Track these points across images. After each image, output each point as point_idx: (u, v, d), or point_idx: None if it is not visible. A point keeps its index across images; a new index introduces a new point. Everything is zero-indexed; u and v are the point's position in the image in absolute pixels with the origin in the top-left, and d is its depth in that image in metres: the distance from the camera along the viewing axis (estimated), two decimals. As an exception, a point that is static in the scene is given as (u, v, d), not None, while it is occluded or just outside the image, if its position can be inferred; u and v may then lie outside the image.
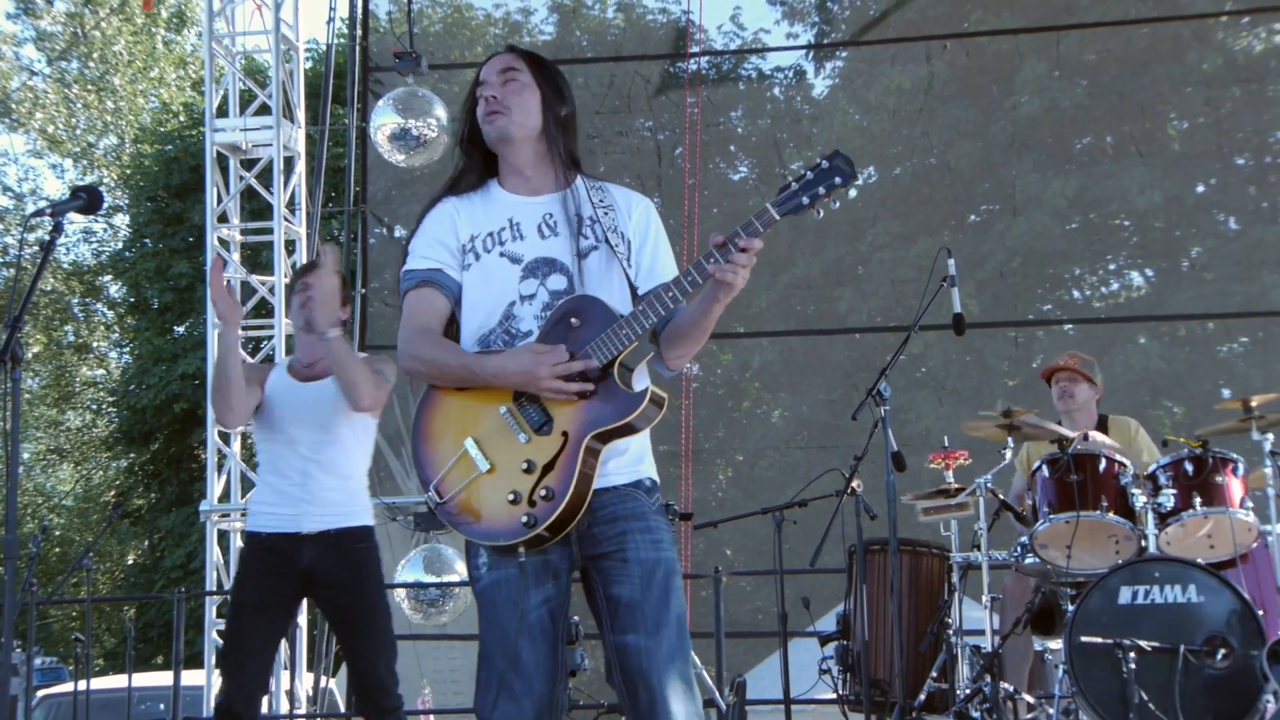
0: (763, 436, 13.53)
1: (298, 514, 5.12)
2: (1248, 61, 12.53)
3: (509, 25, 13.66)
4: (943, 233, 12.83)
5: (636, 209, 3.50)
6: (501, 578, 3.27)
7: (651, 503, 3.38)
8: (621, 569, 3.26)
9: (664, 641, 3.20)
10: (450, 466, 3.27)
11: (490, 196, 3.48)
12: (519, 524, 3.19)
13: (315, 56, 17.70)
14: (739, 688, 6.80)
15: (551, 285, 3.34)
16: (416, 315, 3.40)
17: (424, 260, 3.43)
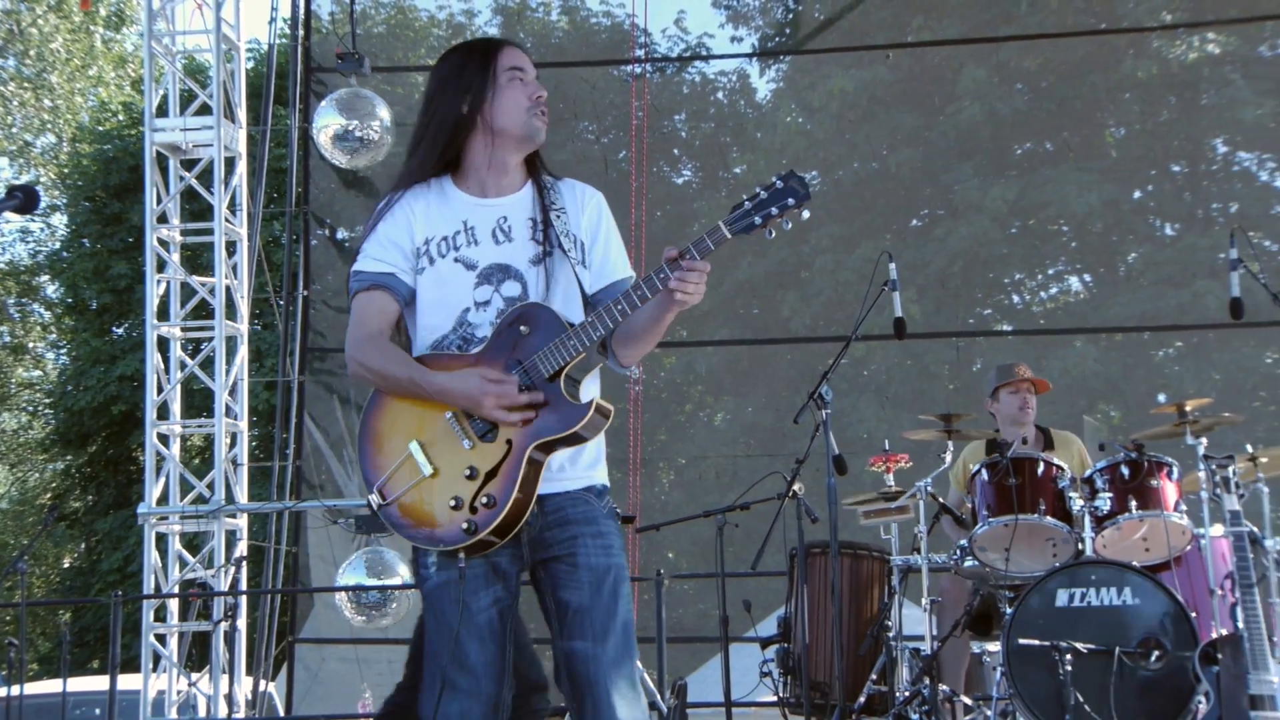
0: (705, 440, 13.55)
1: None
2: (1181, 70, 12.71)
3: (452, 27, 13.61)
4: (885, 236, 12.91)
5: (588, 206, 3.50)
6: (450, 578, 3.26)
7: (603, 506, 3.39)
8: (572, 574, 3.28)
9: (611, 648, 3.23)
10: (394, 469, 3.27)
11: (445, 196, 3.45)
12: (459, 530, 3.20)
13: (257, 57, 17.59)
14: (680, 690, 6.82)
15: (506, 292, 3.33)
16: (366, 320, 3.37)
17: (375, 262, 3.39)
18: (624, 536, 3.46)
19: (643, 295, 3.19)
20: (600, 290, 3.40)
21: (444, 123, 3.41)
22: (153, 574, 9.85)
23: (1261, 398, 12.87)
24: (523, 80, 3.42)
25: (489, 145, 3.43)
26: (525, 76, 3.43)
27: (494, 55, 3.43)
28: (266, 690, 10.00)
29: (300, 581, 10.38)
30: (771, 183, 3.14)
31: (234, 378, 10.11)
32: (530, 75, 3.45)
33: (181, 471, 10.02)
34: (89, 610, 21.10)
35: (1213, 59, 12.80)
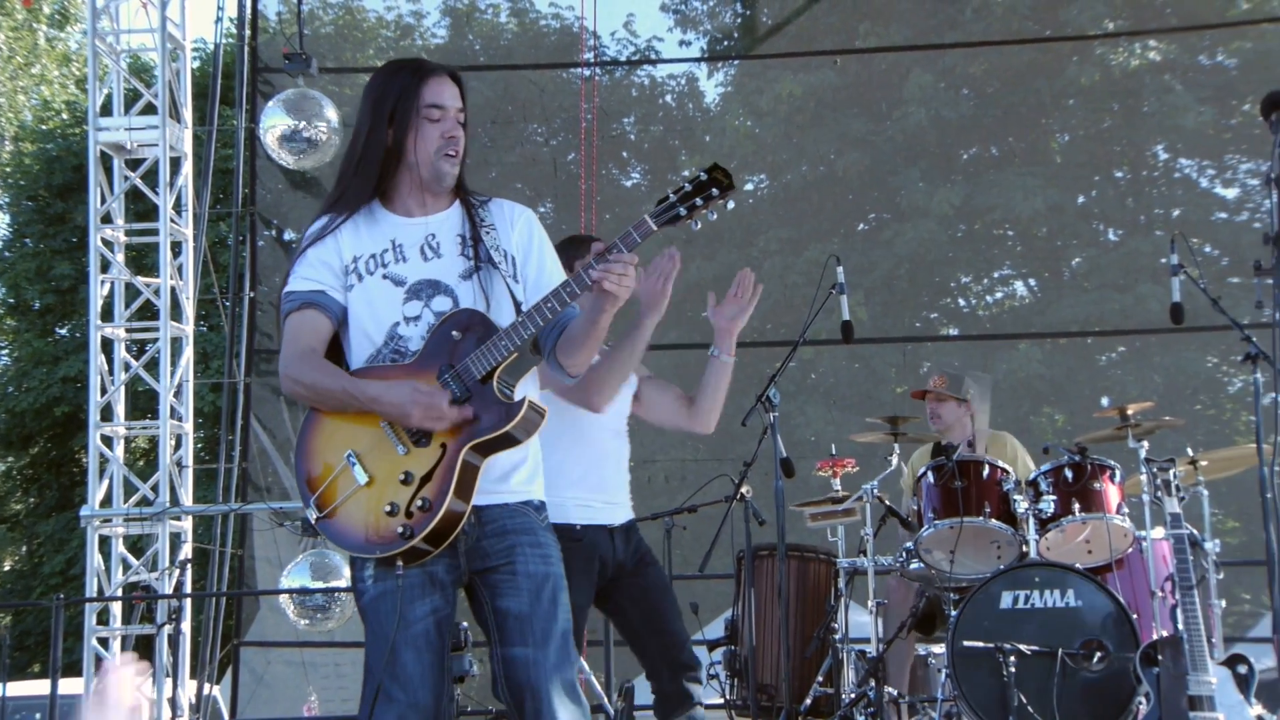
0: (654, 443, 13.55)
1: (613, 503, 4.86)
2: (1124, 78, 12.86)
3: (401, 28, 13.57)
4: (832, 240, 12.98)
5: (518, 222, 3.52)
6: (386, 589, 3.27)
7: (541, 520, 3.42)
8: (510, 581, 3.30)
9: (551, 653, 3.26)
10: (330, 480, 3.29)
11: (374, 217, 3.47)
12: (395, 534, 3.22)
13: (203, 56, 17.45)
14: (627, 693, 6.82)
15: (436, 306, 3.36)
16: (298, 338, 3.40)
17: (305, 281, 3.43)
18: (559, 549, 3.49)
19: (571, 291, 3.22)
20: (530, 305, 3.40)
21: (372, 154, 3.44)
22: (95, 577, 9.76)
23: (1202, 401, 13.05)
24: (438, 120, 3.42)
25: (408, 176, 3.46)
26: (443, 114, 3.42)
27: (417, 89, 3.42)
28: (211, 694, 9.93)
29: (245, 584, 10.31)
30: (696, 175, 3.17)
31: (179, 379, 10.04)
32: (449, 111, 3.43)
33: (125, 473, 9.94)
34: (30, 614, 20.88)
35: (1154, 66, 12.97)
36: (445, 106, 3.42)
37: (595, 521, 4.72)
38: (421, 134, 3.41)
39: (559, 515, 4.38)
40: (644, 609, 4.80)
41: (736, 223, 13.62)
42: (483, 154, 11.66)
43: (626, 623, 4.89)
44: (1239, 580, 11.70)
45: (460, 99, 3.47)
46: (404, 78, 3.45)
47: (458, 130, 3.44)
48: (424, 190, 3.46)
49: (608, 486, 4.81)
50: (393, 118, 3.41)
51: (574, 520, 4.63)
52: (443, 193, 3.48)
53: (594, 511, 4.73)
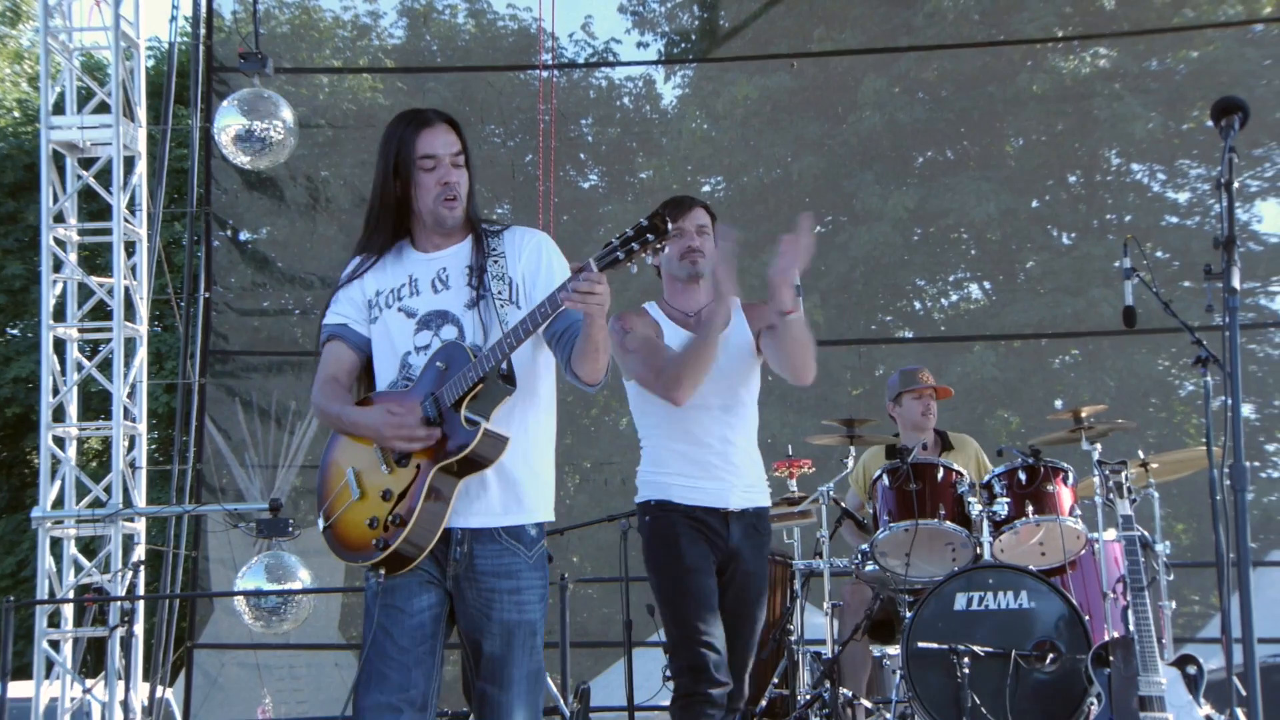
0: (611, 444, 13.57)
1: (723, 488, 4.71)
2: (1075, 84, 12.97)
3: (358, 28, 13.51)
4: (788, 242, 13.00)
5: (527, 247, 3.74)
6: (391, 585, 3.58)
7: (530, 556, 3.64)
8: (487, 624, 3.58)
9: (516, 696, 3.59)
10: (335, 495, 3.66)
11: (400, 255, 3.78)
12: (372, 546, 3.53)
13: (158, 55, 17.33)
14: (583, 694, 6.83)
15: (445, 335, 3.63)
16: (324, 366, 3.78)
17: (334, 315, 3.79)
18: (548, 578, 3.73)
19: (526, 328, 3.44)
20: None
21: (388, 204, 3.73)
22: (47, 579, 9.68)
23: (1154, 404, 13.17)
24: (432, 170, 3.68)
25: (419, 219, 3.76)
26: (436, 163, 3.68)
27: (413, 141, 3.68)
28: (164, 697, 9.86)
29: (199, 586, 10.25)
30: (638, 223, 3.37)
31: (132, 380, 9.96)
32: (442, 159, 3.68)
33: (78, 475, 9.86)
34: (-21, 616, 20.61)
35: (1104, 74, 13.09)
36: (438, 156, 3.68)
37: (701, 504, 4.67)
38: (420, 184, 3.69)
39: (662, 493, 4.69)
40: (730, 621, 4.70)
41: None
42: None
43: None
44: (1189, 581, 11.82)
45: (455, 144, 3.71)
46: (402, 130, 3.71)
47: (452, 175, 3.68)
48: (433, 233, 3.74)
49: (712, 468, 4.70)
50: (399, 172, 3.70)
51: (677, 500, 4.68)
52: (453, 231, 3.73)
53: (698, 493, 4.68)
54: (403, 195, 3.70)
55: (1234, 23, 13.09)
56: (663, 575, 4.71)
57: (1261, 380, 13.51)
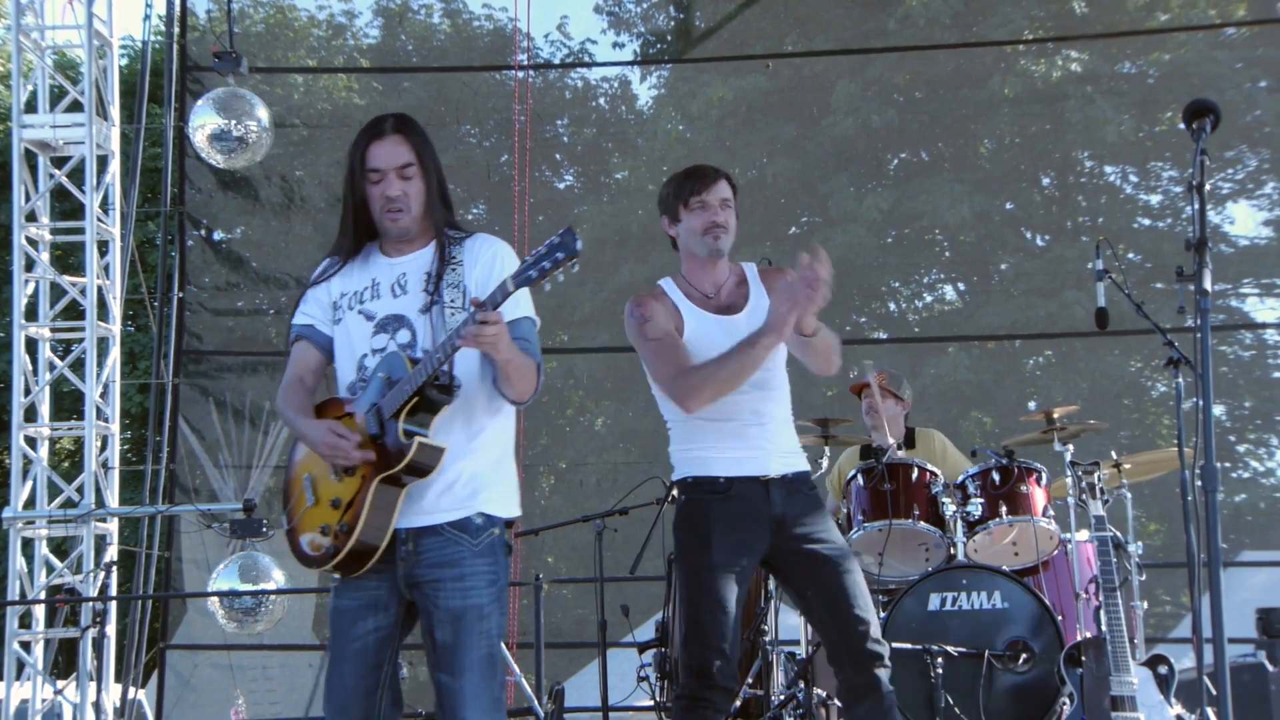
0: (586, 445, 13.58)
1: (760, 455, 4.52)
2: (1047, 87, 13.03)
3: (333, 28, 13.48)
4: (764, 243, 13.03)
5: (483, 257, 3.80)
6: (339, 607, 3.76)
7: (477, 544, 3.70)
8: (435, 614, 3.67)
9: (469, 682, 3.65)
10: (295, 498, 3.80)
11: (368, 259, 3.87)
12: (323, 553, 3.67)
13: (131, 54, 17.25)
14: (557, 695, 6.84)
15: (400, 339, 3.73)
16: (291, 367, 3.90)
17: (301, 316, 3.91)
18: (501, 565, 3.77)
19: (450, 346, 3.50)
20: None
21: (347, 215, 3.85)
22: (18, 580, 9.63)
23: (1126, 405, 13.23)
24: (377, 183, 3.76)
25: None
26: (381, 176, 3.75)
27: (363, 155, 3.77)
28: (136, 698, 9.82)
29: (172, 587, 10.21)
30: (550, 240, 3.42)
31: (105, 380, 9.92)
32: (388, 172, 3.74)
33: (50, 475, 9.81)
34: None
35: (1076, 77, 13.15)
36: (381, 170, 3.74)
37: (743, 474, 4.48)
38: (369, 197, 3.78)
39: (701, 469, 4.52)
40: (819, 591, 4.46)
41: (669, 226, 13.64)
42: (415, 155, 11.62)
43: (803, 601, 4.60)
44: (1160, 582, 11.89)
45: (404, 155, 3.75)
46: (358, 141, 3.81)
47: (393, 189, 3.74)
48: (406, 237, 3.83)
49: (748, 438, 4.51)
50: (353, 184, 3.81)
51: (717, 473, 4.49)
52: (416, 238, 3.82)
53: (739, 463, 4.49)
54: (358, 210, 3.81)
55: (1206, 26, 13.17)
56: (687, 564, 4.54)
57: (1232, 382, 13.59)
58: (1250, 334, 14.58)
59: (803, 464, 4.65)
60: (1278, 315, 14.77)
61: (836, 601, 4.39)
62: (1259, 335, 14.73)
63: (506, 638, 8.61)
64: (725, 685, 4.40)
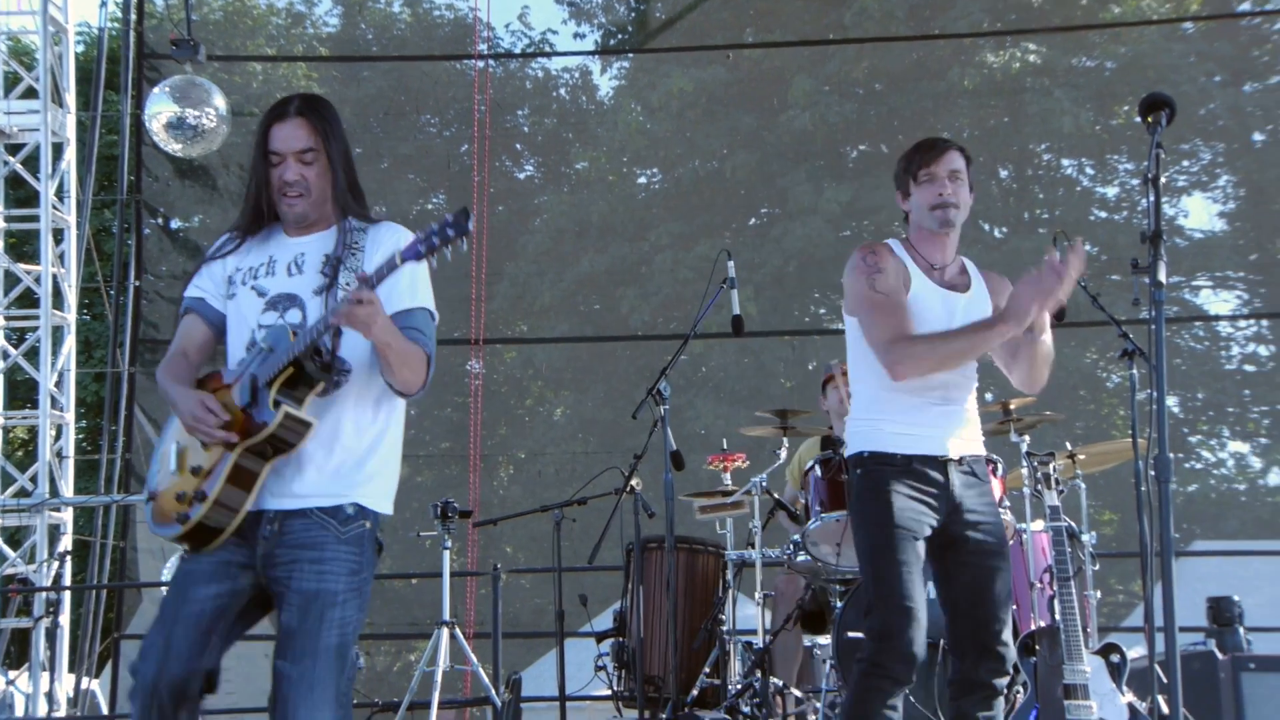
0: (545, 435, 13.58)
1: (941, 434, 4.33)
2: (1005, 79, 13.12)
3: (292, 16, 13.41)
4: (723, 235, 13.08)
5: (384, 245, 3.68)
6: (184, 569, 3.60)
7: (345, 532, 3.57)
8: (285, 596, 3.52)
9: (307, 670, 3.46)
10: (160, 467, 3.69)
11: (268, 237, 3.79)
12: (176, 520, 3.55)
13: (88, 40, 17.08)
14: (514, 685, 6.84)
15: (290, 319, 3.63)
16: (176, 340, 3.79)
17: (193, 289, 3.81)
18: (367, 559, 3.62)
19: (325, 322, 3.45)
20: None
21: (255, 190, 3.75)
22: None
23: (1081, 396, 13.35)
24: (276, 165, 3.69)
25: None
26: (280, 159, 3.68)
27: (265, 135, 3.71)
28: (90, 688, 9.75)
29: (128, 576, 10.14)
30: (443, 219, 3.40)
31: (60, 368, 9.85)
32: (286, 156, 3.67)
33: (3, 464, 9.74)
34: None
35: (1034, 69, 13.24)
36: (281, 153, 3.67)
37: (918, 451, 4.26)
38: (270, 178, 3.70)
39: (878, 444, 4.31)
40: (968, 581, 4.28)
41: (629, 217, 13.68)
42: (375, 145, 11.58)
43: (947, 589, 4.36)
44: (1113, 571, 12.01)
45: (305, 139, 3.66)
46: (262, 121, 3.73)
47: (292, 173, 3.66)
48: (307, 219, 3.73)
49: (930, 414, 4.31)
50: (255, 164, 3.74)
51: (891, 449, 4.28)
52: (317, 221, 3.73)
53: (914, 441, 4.28)
54: (259, 189, 3.73)
55: (1163, 20, 13.28)
56: (869, 529, 4.27)
57: (1186, 374, 13.74)
58: (1204, 326, 14.75)
59: (980, 448, 4.47)
60: (1231, 308, 14.95)
61: (982, 596, 4.26)
62: (1212, 328, 14.92)
63: (464, 627, 8.62)
64: (912, 651, 4.07)
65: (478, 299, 10.18)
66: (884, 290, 4.33)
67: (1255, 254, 14.19)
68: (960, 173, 4.44)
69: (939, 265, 4.43)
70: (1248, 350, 15.39)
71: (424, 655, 7.22)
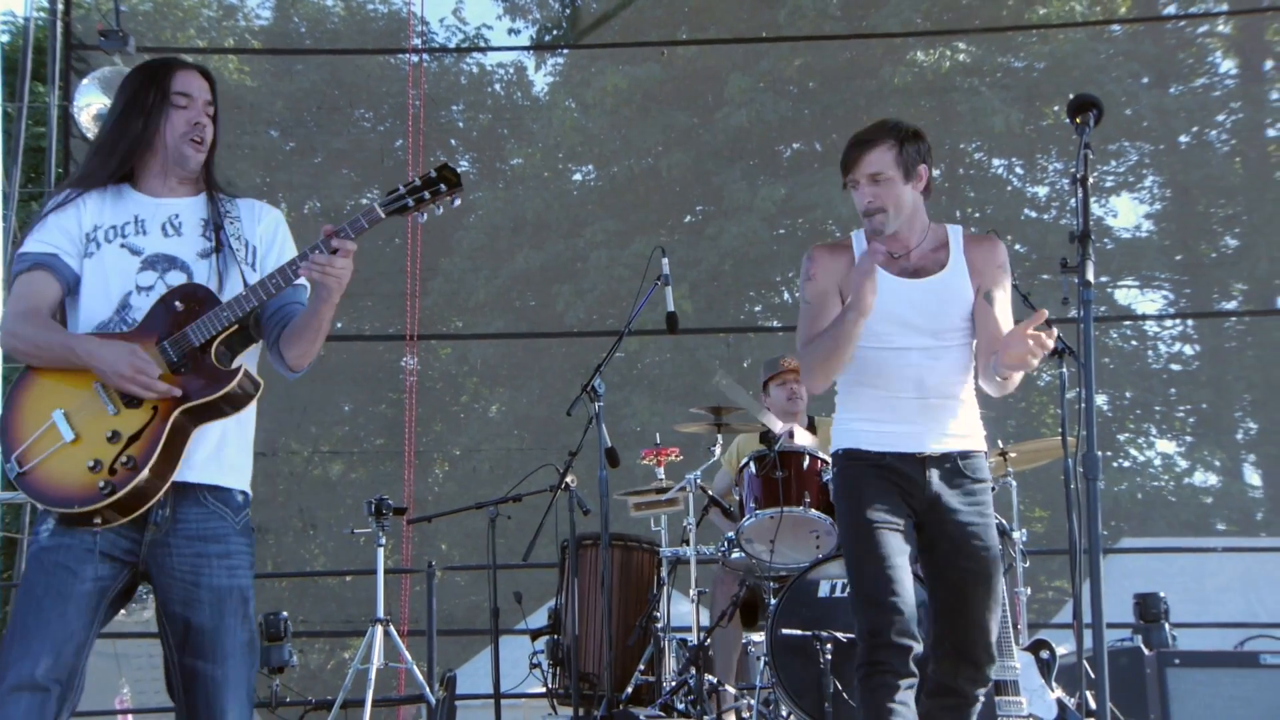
0: (480, 432, 13.55)
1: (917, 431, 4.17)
2: (935, 78, 13.23)
3: (224, 8, 13.29)
4: (659, 232, 13.11)
5: (266, 218, 3.64)
6: (62, 544, 3.31)
7: (238, 521, 3.46)
8: (194, 593, 3.36)
9: (232, 670, 3.38)
10: (36, 437, 3.33)
11: (120, 195, 3.55)
12: (96, 490, 3.26)
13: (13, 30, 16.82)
14: (449, 683, 6.81)
15: (170, 280, 3.45)
16: (25, 296, 3.45)
17: (41, 244, 3.47)
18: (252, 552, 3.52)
19: (295, 269, 3.33)
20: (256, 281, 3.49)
21: (122, 141, 3.55)
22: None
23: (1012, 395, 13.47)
24: (184, 108, 3.54)
25: (154, 157, 3.56)
26: (190, 102, 3.55)
27: (168, 78, 3.55)
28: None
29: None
30: (427, 172, 3.33)
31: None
32: (196, 101, 3.55)
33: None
34: None
35: (964, 68, 13.37)
36: (192, 95, 3.54)
37: (894, 449, 4.14)
38: (170, 120, 3.52)
39: (853, 442, 4.21)
40: (951, 584, 4.17)
41: (564, 214, 13.67)
42: (309, 139, 11.50)
43: (930, 590, 4.26)
44: (1043, 568, 12.15)
45: (209, 93, 3.58)
46: (156, 70, 3.58)
47: (203, 119, 3.55)
48: (169, 175, 3.56)
49: (905, 411, 4.18)
50: (145, 108, 3.52)
51: (864, 446, 4.18)
52: (188, 178, 3.58)
53: (892, 438, 4.16)
54: (142, 133, 3.52)
55: (1091, 22, 13.45)
56: (845, 526, 4.19)
57: (1115, 372, 13.92)
58: (1131, 326, 14.96)
59: (971, 444, 4.27)
60: (1158, 308, 15.17)
61: (964, 603, 4.16)
62: (1139, 327, 15.13)
63: (399, 624, 8.57)
64: (900, 641, 3.98)
65: (412, 295, 10.13)
66: (808, 298, 4.25)
67: (1180, 254, 14.42)
68: (883, 172, 4.20)
69: (898, 254, 4.24)
70: (1174, 350, 15.64)
71: (358, 653, 7.18)
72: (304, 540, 12.32)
